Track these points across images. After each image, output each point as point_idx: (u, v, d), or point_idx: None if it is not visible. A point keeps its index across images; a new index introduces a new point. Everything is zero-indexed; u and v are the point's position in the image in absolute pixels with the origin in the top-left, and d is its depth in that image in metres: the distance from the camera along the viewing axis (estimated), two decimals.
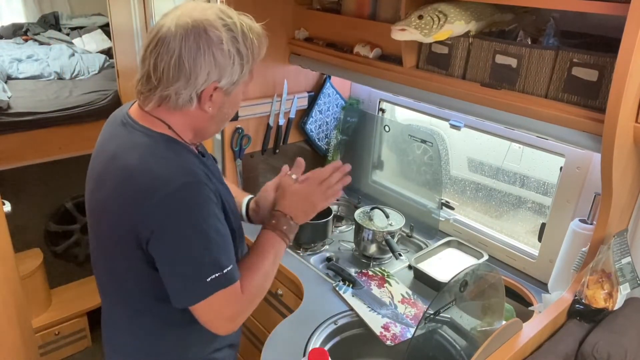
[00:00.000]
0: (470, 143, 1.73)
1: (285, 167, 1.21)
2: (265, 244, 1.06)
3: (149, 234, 0.89)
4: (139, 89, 0.98)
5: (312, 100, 1.96)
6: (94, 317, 2.62)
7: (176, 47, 0.89)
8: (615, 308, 1.08)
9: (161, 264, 0.93)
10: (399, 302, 1.45)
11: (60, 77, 2.84)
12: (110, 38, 2.89)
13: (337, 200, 2.08)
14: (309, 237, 1.73)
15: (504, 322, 1.00)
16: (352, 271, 1.57)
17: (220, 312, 0.96)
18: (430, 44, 1.33)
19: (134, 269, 0.97)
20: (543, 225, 1.50)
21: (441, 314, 1.10)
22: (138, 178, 0.90)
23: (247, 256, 1.06)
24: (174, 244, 0.90)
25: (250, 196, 1.29)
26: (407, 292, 1.50)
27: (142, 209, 0.89)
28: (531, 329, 0.99)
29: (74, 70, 2.89)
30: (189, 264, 0.91)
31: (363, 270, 1.60)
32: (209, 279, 0.91)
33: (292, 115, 1.92)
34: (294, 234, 1.10)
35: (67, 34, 3.50)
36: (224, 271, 0.92)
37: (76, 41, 3.35)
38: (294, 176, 1.16)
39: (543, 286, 1.48)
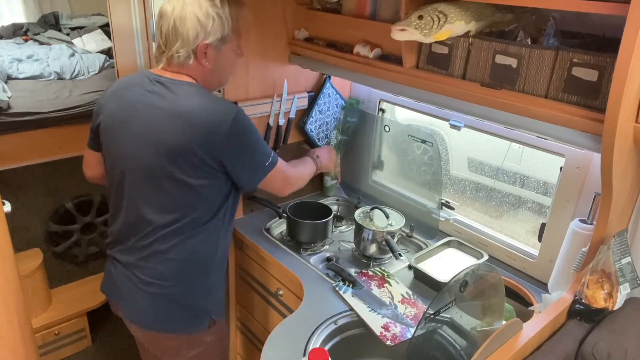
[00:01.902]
0: (470, 143, 1.73)
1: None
2: (308, 161, 1.67)
3: (225, 149, 1.24)
4: (155, 56, 1.33)
5: (312, 100, 1.95)
6: (94, 317, 2.62)
7: (171, 17, 1.24)
8: (615, 308, 1.08)
9: (236, 164, 1.29)
10: (399, 302, 1.45)
11: (60, 77, 2.84)
12: (110, 38, 2.89)
13: (337, 200, 2.09)
14: (309, 237, 1.73)
15: (504, 322, 1.00)
16: (352, 271, 1.57)
17: (281, 180, 1.44)
18: (430, 44, 1.33)
19: (191, 188, 1.27)
20: (543, 225, 1.50)
21: (441, 314, 1.10)
22: (205, 113, 1.23)
23: (295, 162, 1.63)
24: (244, 150, 1.28)
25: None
26: (407, 292, 1.50)
27: (216, 132, 1.21)
28: (531, 329, 0.99)
29: (74, 70, 2.89)
30: (253, 158, 1.33)
31: (363, 270, 1.60)
32: (267, 163, 1.35)
33: (292, 115, 1.92)
34: (318, 171, 1.71)
35: (67, 34, 3.50)
36: (271, 155, 1.37)
37: (76, 41, 3.34)
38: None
39: (543, 286, 1.48)
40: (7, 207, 1.51)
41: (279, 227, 1.90)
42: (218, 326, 1.44)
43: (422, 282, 1.56)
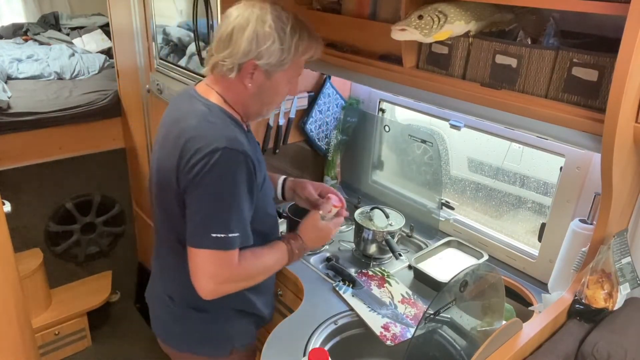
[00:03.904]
0: (470, 143, 1.73)
1: (331, 199, 1.39)
2: (276, 247, 1.26)
3: (187, 185, 1.07)
4: (206, 57, 1.27)
5: (312, 100, 1.96)
6: (94, 317, 2.63)
7: (233, 22, 1.11)
8: (615, 308, 1.08)
9: (188, 209, 1.10)
10: (399, 302, 1.45)
11: (60, 77, 2.84)
12: (110, 38, 2.89)
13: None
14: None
15: (504, 322, 1.00)
16: (352, 271, 1.57)
17: (207, 269, 1.09)
18: (430, 44, 1.33)
19: (177, 215, 1.14)
20: (543, 225, 1.50)
21: (441, 314, 1.10)
22: (189, 136, 1.08)
23: (260, 246, 1.21)
24: (200, 195, 1.07)
25: (284, 176, 1.50)
26: (407, 292, 1.50)
27: (187, 160, 1.06)
28: (531, 329, 0.99)
29: (74, 70, 2.89)
30: (204, 214, 1.07)
31: (363, 270, 1.60)
32: (214, 235, 1.06)
33: (292, 115, 1.92)
34: (299, 256, 1.30)
35: (67, 34, 3.50)
36: (229, 235, 1.07)
37: (76, 41, 3.34)
38: (321, 212, 1.34)
39: (543, 286, 1.48)
40: (7, 207, 1.52)
41: (279, 227, 1.90)
42: (239, 354, 1.36)
43: (422, 282, 1.56)
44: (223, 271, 1.10)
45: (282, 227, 1.88)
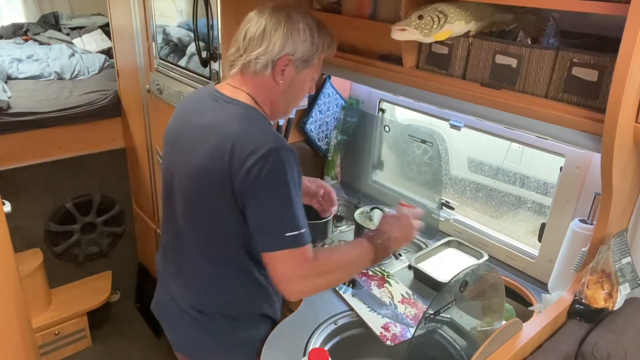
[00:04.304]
0: (470, 143, 1.73)
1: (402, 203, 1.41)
2: (355, 242, 1.28)
3: (246, 189, 1.06)
4: (229, 59, 1.20)
5: (312, 100, 1.95)
6: (94, 317, 2.63)
7: (263, 22, 1.13)
8: (615, 308, 1.08)
9: (251, 216, 1.09)
10: (399, 302, 1.45)
11: (60, 77, 2.85)
12: (110, 38, 2.89)
13: (337, 200, 2.09)
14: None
15: (504, 322, 1.00)
16: None
17: (289, 269, 1.08)
18: (430, 44, 1.33)
19: (227, 221, 1.13)
20: (543, 225, 1.50)
21: (441, 314, 1.10)
22: (236, 140, 1.07)
23: (339, 245, 1.30)
24: (265, 199, 1.06)
25: None
26: (407, 292, 1.50)
27: (241, 164, 1.04)
28: (531, 329, 0.99)
29: (74, 70, 2.89)
30: (273, 217, 1.07)
31: (363, 270, 1.60)
32: (287, 235, 1.05)
33: (292, 115, 1.92)
34: (383, 254, 1.24)
35: (67, 34, 3.50)
36: (300, 231, 1.07)
37: (76, 41, 3.35)
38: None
39: (543, 286, 1.48)
40: (7, 207, 1.52)
41: None
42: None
43: (422, 282, 1.56)
44: (304, 267, 1.09)
45: None
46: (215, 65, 1.75)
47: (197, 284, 1.27)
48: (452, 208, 1.76)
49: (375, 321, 1.36)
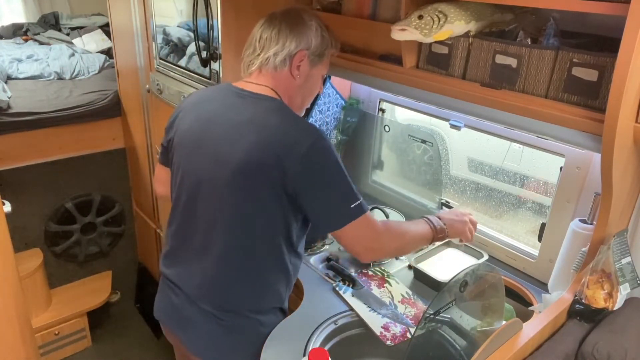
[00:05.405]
0: (470, 143, 1.73)
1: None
2: (417, 220, 1.32)
3: (303, 179, 1.11)
4: (245, 60, 1.26)
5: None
6: (94, 317, 2.63)
7: (277, 22, 1.22)
8: (615, 308, 1.08)
9: (314, 203, 1.14)
10: (399, 302, 1.45)
11: (60, 77, 2.84)
12: (110, 38, 2.89)
13: None
14: (309, 237, 1.73)
15: (504, 322, 1.00)
16: (352, 271, 1.57)
17: (362, 236, 1.17)
18: (430, 44, 1.33)
19: (271, 208, 1.16)
20: (543, 225, 1.50)
21: (441, 314, 1.10)
22: (281, 134, 1.13)
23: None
24: (324, 183, 1.13)
25: None
26: (407, 292, 1.50)
27: (293, 158, 1.09)
28: (531, 329, 0.99)
29: (74, 70, 2.89)
30: (336, 196, 1.13)
31: (363, 270, 1.60)
32: (352, 206, 1.13)
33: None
34: (441, 234, 1.32)
35: (67, 34, 3.50)
36: (360, 200, 1.14)
37: (76, 41, 3.34)
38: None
39: (543, 286, 1.48)
40: (7, 207, 1.52)
41: None
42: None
43: (422, 282, 1.56)
44: (374, 230, 1.19)
45: None
46: (215, 65, 1.75)
47: (226, 279, 1.24)
48: (452, 208, 1.76)
49: (375, 321, 1.36)
